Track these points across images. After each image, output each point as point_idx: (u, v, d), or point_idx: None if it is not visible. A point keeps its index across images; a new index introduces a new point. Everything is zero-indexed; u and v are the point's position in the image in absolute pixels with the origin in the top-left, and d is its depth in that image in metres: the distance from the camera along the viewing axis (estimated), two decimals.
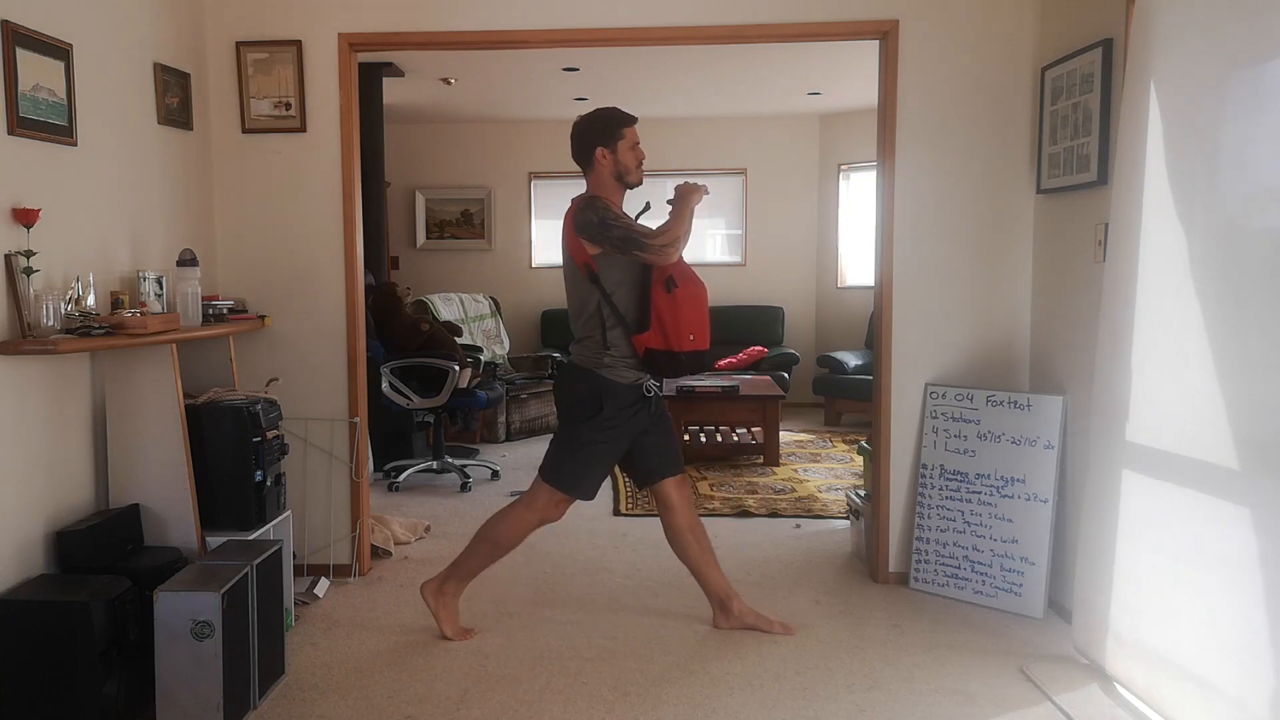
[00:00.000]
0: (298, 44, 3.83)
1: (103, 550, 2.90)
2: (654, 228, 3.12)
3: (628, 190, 3.25)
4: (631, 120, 3.22)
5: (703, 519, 3.59)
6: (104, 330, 2.82)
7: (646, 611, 3.61)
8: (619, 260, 3.11)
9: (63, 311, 2.78)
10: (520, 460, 6.35)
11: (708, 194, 3.22)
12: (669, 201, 3.19)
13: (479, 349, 7.09)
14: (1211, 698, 2.50)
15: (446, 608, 3.35)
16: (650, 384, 3.22)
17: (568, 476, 3.20)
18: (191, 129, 3.74)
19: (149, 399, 3.11)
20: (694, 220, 3.18)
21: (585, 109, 3.35)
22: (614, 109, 3.26)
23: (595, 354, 3.15)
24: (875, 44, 3.84)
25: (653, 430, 3.28)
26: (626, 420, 3.17)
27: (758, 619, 3.41)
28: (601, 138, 3.18)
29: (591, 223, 3.07)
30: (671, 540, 3.42)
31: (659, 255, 3.06)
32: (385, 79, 6.46)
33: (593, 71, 6.62)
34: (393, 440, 6.03)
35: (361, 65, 4.08)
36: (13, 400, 2.73)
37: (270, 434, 3.32)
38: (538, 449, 6.66)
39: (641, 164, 3.23)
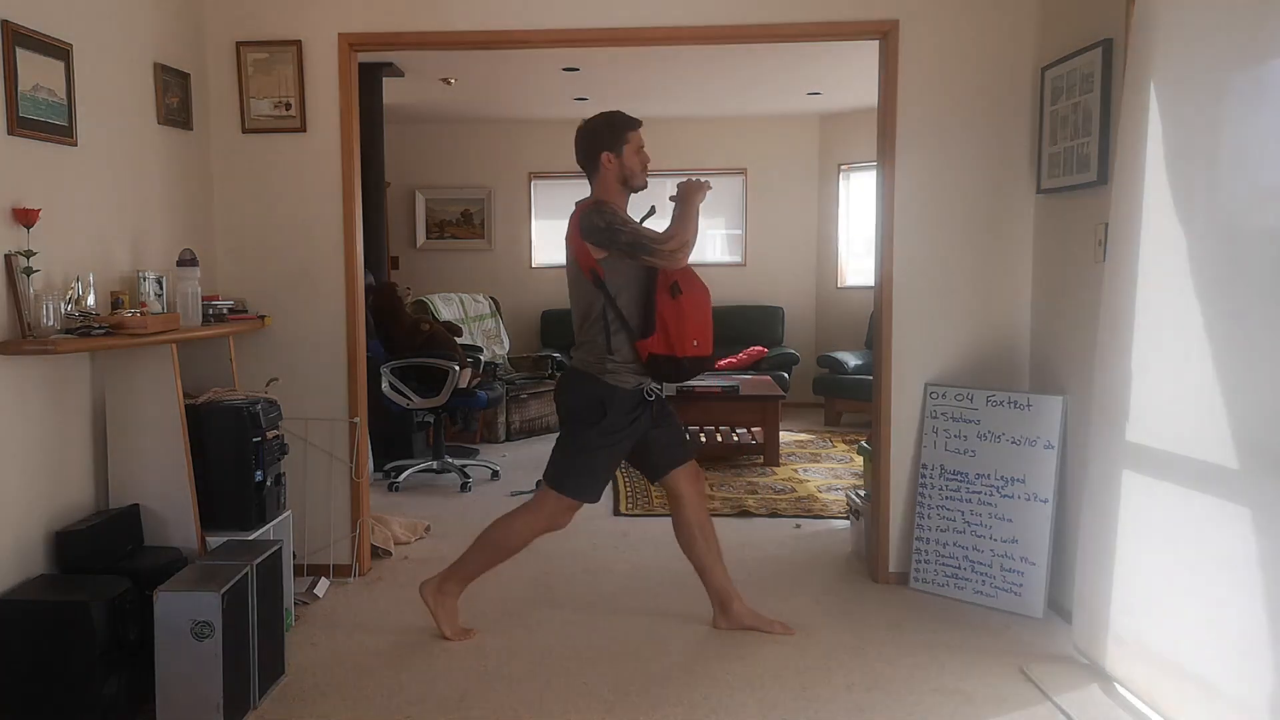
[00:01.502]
0: (298, 44, 3.83)
1: (103, 550, 2.90)
2: (660, 230, 3.10)
3: (633, 194, 3.22)
4: (636, 124, 3.19)
5: None
6: (104, 330, 2.82)
7: (646, 611, 3.61)
8: (624, 265, 3.09)
9: (63, 311, 2.78)
10: (520, 460, 6.35)
11: (711, 189, 3.17)
12: (671, 198, 3.16)
13: (479, 349, 7.09)
14: (1212, 698, 2.50)
15: (445, 607, 3.35)
16: (652, 387, 3.21)
17: (573, 482, 3.18)
18: (191, 129, 3.74)
19: (149, 399, 3.11)
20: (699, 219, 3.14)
21: (585, 109, 3.34)
22: (618, 112, 3.21)
23: (598, 359, 3.13)
24: (875, 44, 3.85)
25: (656, 427, 3.27)
26: (629, 425, 3.16)
27: (757, 620, 3.41)
28: (606, 142, 3.15)
29: (599, 228, 3.04)
30: (679, 534, 3.40)
31: (670, 260, 3.03)
32: (385, 79, 6.45)
33: (593, 71, 6.61)
34: (393, 440, 6.04)
35: (361, 65, 4.08)
36: (13, 400, 2.73)
37: (270, 434, 3.32)
38: (538, 449, 6.75)
39: (647, 167, 3.20)
